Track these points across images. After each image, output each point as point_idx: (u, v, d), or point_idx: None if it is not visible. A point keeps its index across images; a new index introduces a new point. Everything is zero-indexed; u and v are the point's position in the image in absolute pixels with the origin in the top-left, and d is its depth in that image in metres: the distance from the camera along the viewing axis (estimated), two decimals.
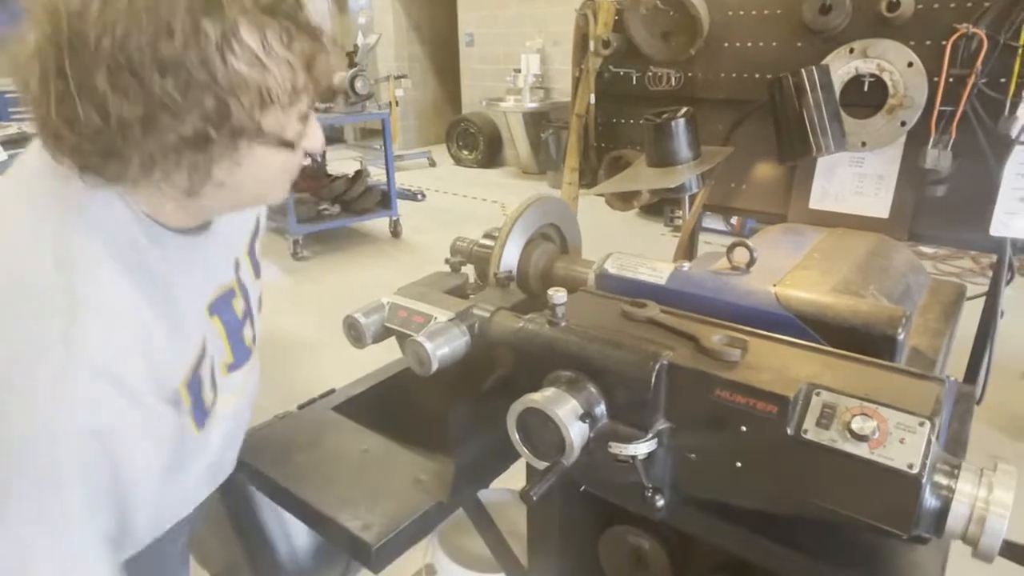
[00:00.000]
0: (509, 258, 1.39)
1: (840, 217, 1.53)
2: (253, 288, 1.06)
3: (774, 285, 1.19)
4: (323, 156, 7.09)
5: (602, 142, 1.81)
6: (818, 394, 0.90)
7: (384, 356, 1.51)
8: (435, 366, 1.10)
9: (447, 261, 1.41)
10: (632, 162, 1.72)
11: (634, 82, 1.74)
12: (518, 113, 8.15)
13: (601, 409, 1.03)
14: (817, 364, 0.98)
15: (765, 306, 1.15)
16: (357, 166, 8.10)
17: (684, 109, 1.38)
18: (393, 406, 1.52)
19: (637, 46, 1.66)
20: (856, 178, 1.50)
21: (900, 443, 0.83)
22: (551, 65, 8.40)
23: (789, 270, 1.26)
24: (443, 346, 1.12)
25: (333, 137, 10.80)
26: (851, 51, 1.40)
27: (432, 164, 9.37)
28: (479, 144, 9.11)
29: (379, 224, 6.24)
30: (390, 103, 8.48)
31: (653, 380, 0.97)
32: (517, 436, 1.04)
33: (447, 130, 9.52)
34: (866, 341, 1.06)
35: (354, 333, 1.22)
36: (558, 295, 1.07)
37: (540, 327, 1.10)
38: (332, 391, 1.54)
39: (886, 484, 0.82)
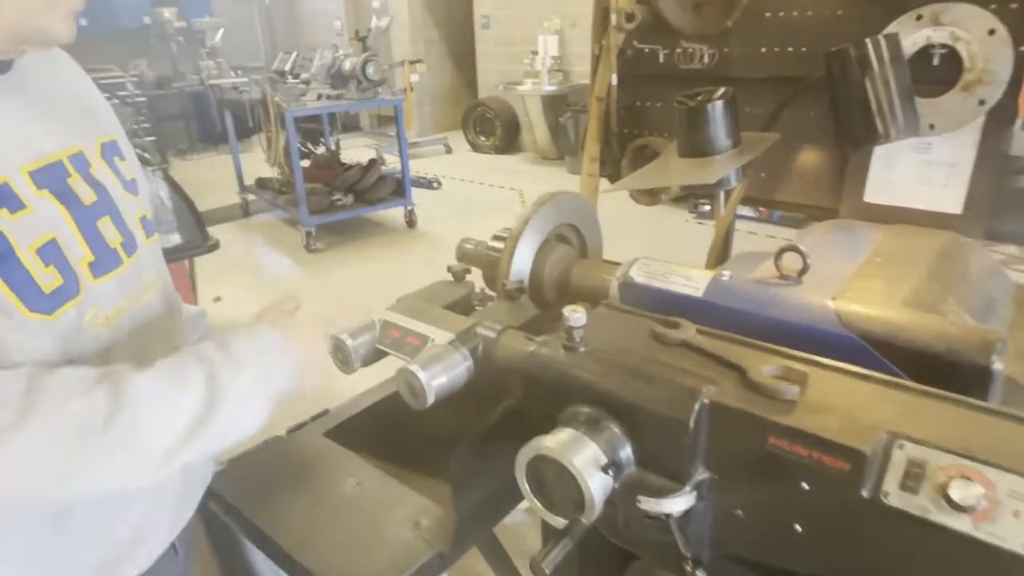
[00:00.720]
0: (520, 264, 1.22)
1: (902, 212, 1.33)
2: (124, 202, 0.88)
3: (832, 299, 1.00)
4: (336, 144, 6.96)
5: (625, 128, 1.62)
6: (901, 447, 0.72)
7: None
8: (430, 399, 0.94)
9: (450, 269, 1.24)
10: (659, 151, 1.52)
11: (661, 60, 1.54)
12: (536, 97, 7.91)
13: (627, 454, 0.86)
14: (897, 404, 0.79)
15: (823, 325, 0.97)
16: (372, 154, 7.96)
17: (722, 89, 1.19)
18: (392, 429, 1.36)
19: (665, 19, 1.46)
20: (922, 166, 1.29)
21: (1014, 517, 0.65)
22: (569, 47, 8.14)
23: (848, 279, 1.07)
24: (440, 375, 0.95)
25: (348, 124, 10.64)
26: (919, 18, 1.19)
27: (448, 151, 9.18)
28: (496, 129, 8.89)
29: (394, 214, 6.09)
30: (405, 89, 8.30)
31: (692, 423, 0.80)
32: (528, 487, 0.87)
33: (463, 115, 9.31)
34: (951, 371, 0.87)
35: (340, 356, 1.06)
36: (575, 316, 0.90)
37: (554, 353, 0.93)
38: (325, 412, 1.39)
39: (996, 571, 0.64)
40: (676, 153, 1.29)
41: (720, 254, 1.52)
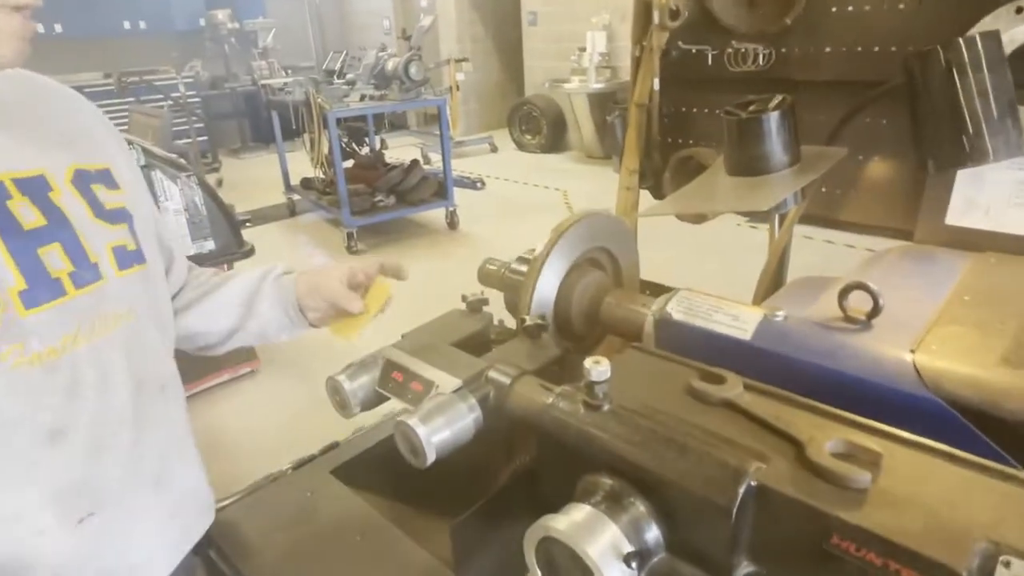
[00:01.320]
0: (544, 294, 1.09)
1: (990, 238, 1.14)
2: (91, 230, 0.81)
3: (912, 350, 0.84)
4: (381, 144, 6.95)
5: (668, 137, 1.47)
6: (1008, 565, 0.57)
7: None
8: (431, 458, 0.82)
9: (464, 299, 1.12)
10: (706, 163, 1.37)
11: (710, 62, 1.39)
12: (583, 94, 7.72)
13: (655, 537, 0.72)
14: (997, 497, 0.63)
15: (900, 384, 0.81)
16: (417, 153, 7.93)
17: (779, 97, 1.03)
18: (402, 465, 1.25)
19: (715, 16, 1.31)
20: (1018, 185, 1.10)
21: None
22: (618, 42, 7.92)
23: (930, 324, 0.90)
24: (442, 430, 0.83)
25: (395, 123, 10.68)
26: (1019, 10, 1.01)
27: (493, 149, 9.08)
28: (542, 128, 8.74)
29: (435, 215, 6.02)
30: (450, 87, 8.24)
31: (736, 509, 0.66)
32: (539, 572, 0.74)
33: (509, 114, 9.19)
34: None
35: (338, 399, 0.95)
36: (597, 369, 0.77)
37: (574, 409, 0.80)
38: (335, 445, 1.29)
39: None
40: (723, 170, 1.13)
41: (774, 280, 1.35)
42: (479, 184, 7.22)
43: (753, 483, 0.66)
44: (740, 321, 0.95)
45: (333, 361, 3.90)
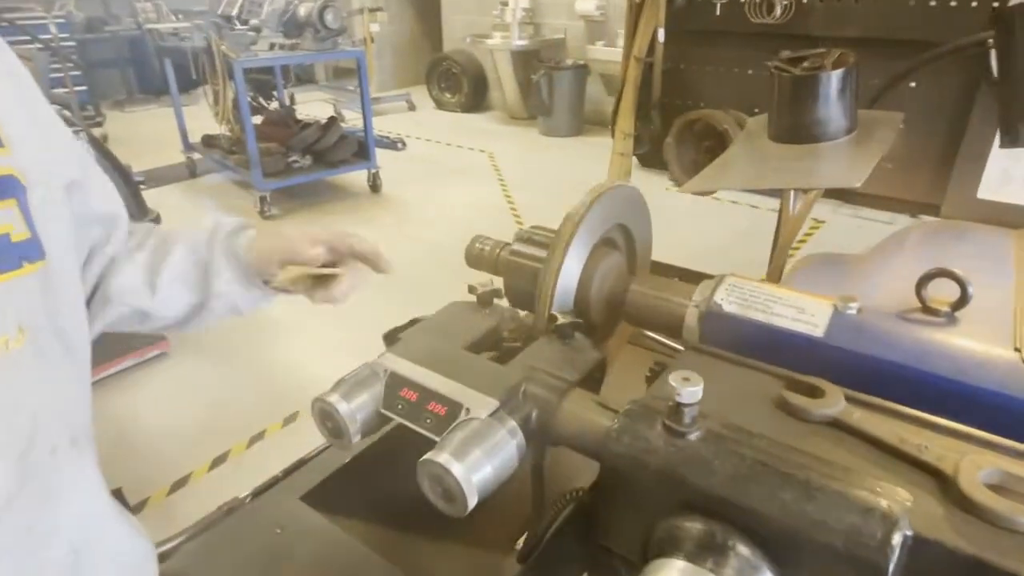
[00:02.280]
0: (568, 281, 0.92)
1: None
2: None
3: (1017, 348, 0.73)
4: (291, 99, 6.41)
5: (671, 98, 1.30)
6: None
7: (380, 328, 0.98)
8: (472, 502, 0.65)
9: (472, 290, 0.93)
10: (717, 127, 1.22)
11: (718, 12, 1.23)
12: (505, 51, 7.42)
13: None
14: None
15: (1011, 389, 0.70)
16: (330, 110, 7.40)
17: (837, 52, 0.89)
18: (384, 482, 1.06)
19: None
20: None
21: None
22: None
23: (1017, 315, 0.81)
24: (482, 466, 0.65)
25: (302, 77, 9.94)
26: None
27: (411, 108, 8.64)
28: (463, 86, 8.38)
29: (356, 177, 5.64)
30: (364, 39, 7.71)
31: (892, 566, 0.53)
32: None
33: (427, 70, 8.74)
34: None
35: (330, 426, 0.75)
36: (688, 389, 0.61)
37: (651, 435, 0.64)
38: (302, 462, 1.08)
39: None
40: (759, 135, 0.99)
41: (782, 256, 1.24)
42: (400, 144, 6.84)
43: (909, 532, 0.54)
44: (807, 314, 0.82)
45: (254, 340, 3.57)
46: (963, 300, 0.78)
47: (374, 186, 5.50)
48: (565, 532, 0.73)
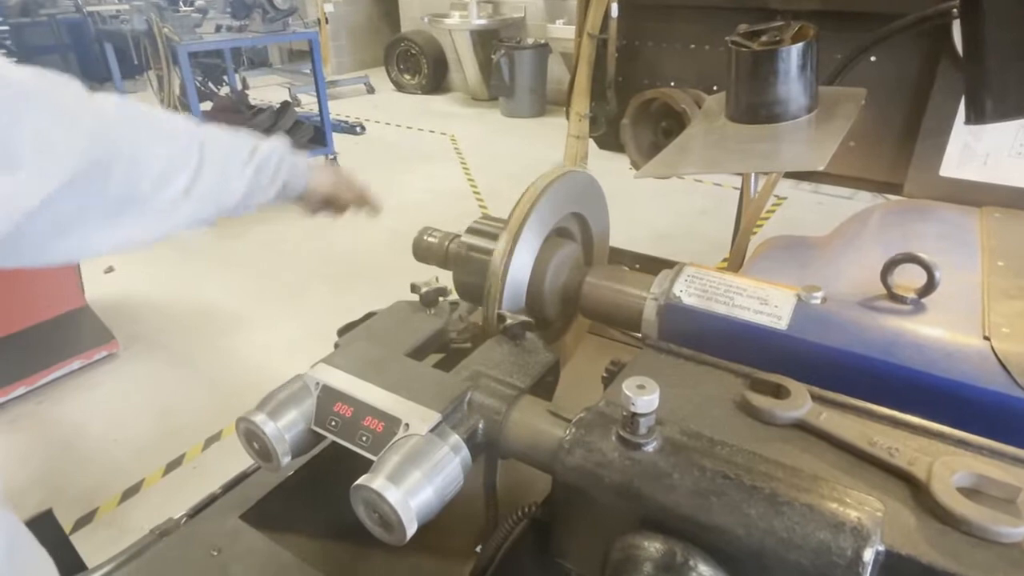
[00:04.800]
0: (519, 276, 0.86)
1: (989, 190, 1.05)
2: None
3: (986, 336, 0.70)
4: (243, 83, 6.18)
5: (627, 76, 1.25)
6: None
7: (337, 321, 0.95)
8: (411, 530, 0.59)
9: (415, 289, 0.86)
10: (674, 107, 1.17)
11: None
12: (464, 31, 7.27)
13: None
14: None
15: (982, 380, 0.67)
16: (284, 94, 7.16)
17: (796, 26, 0.84)
18: (333, 494, 0.99)
19: None
20: (1020, 133, 1.00)
21: None
22: None
23: (984, 299, 0.77)
24: (422, 488, 0.59)
25: (255, 60, 9.61)
26: None
27: (370, 90, 8.43)
28: (422, 67, 8.19)
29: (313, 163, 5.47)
30: (319, 20, 7.47)
31: None
32: None
33: (385, 51, 8.52)
34: None
35: (256, 448, 0.68)
36: (643, 398, 0.56)
37: (605, 448, 0.59)
38: (243, 476, 1.00)
39: None
40: (718, 115, 0.94)
41: (743, 242, 1.20)
42: (359, 128, 6.66)
43: (881, 547, 0.49)
44: (770, 306, 0.77)
45: (209, 336, 3.41)
46: (930, 286, 0.74)
47: None
48: (519, 548, 0.68)
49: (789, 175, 1.28)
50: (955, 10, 0.82)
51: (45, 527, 1.09)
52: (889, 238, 0.96)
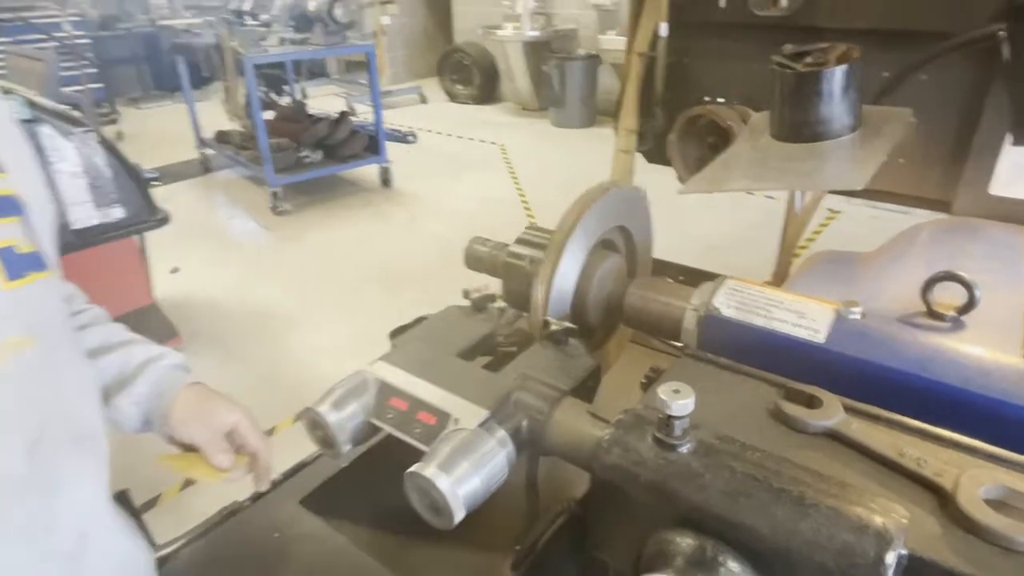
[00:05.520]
0: (564, 285, 0.90)
1: None
2: None
3: None
4: (303, 94, 6.42)
5: (673, 93, 1.28)
6: None
7: (387, 324, 0.97)
8: (459, 516, 0.64)
9: (466, 294, 0.92)
10: (720, 123, 1.20)
11: (723, 4, 1.20)
12: (517, 43, 7.38)
13: None
14: None
15: (1022, 399, 0.68)
16: (341, 104, 7.40)
17: (841, 47, 0.86)
18: (386, 484, 1.06)
19: None
20: None
21: None
22: None
23: None
24: (470, 478, 0.65)
25: (314, 71, 9.95)
26: None
27: (423, 100, 8.63)
28: (474, 78, 8.35)
29: (367, 171, 5.64)
30: (375, 32, 7.70)
31: None
32: None
33: (439, 62, 8.72)
34: None
35: (320, 435, 0.74)
36: (679, 402, 0.60)
37: (642, 447, 0.63)
38: (301, 466, 1.07)
39: None
40: (763, 133, 0.97)
41: (789, 254, 1.21)
42: (411, 138, 6.83)
43: (904, 551, 0.52)
44: (808, 319, 0.80)
45: (266, 336, 3.58)
46: (970, 304, 0.75)
47: (385, 180, 5.50)
48: (558, 542, 0.72)
49: (838, 191, 1.29)
50: (1001, 33, 0.83)
51: (121, 506, 1.19)
52: (934, 256, 0.97)
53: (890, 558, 0.51)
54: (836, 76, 0.84)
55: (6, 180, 0.63)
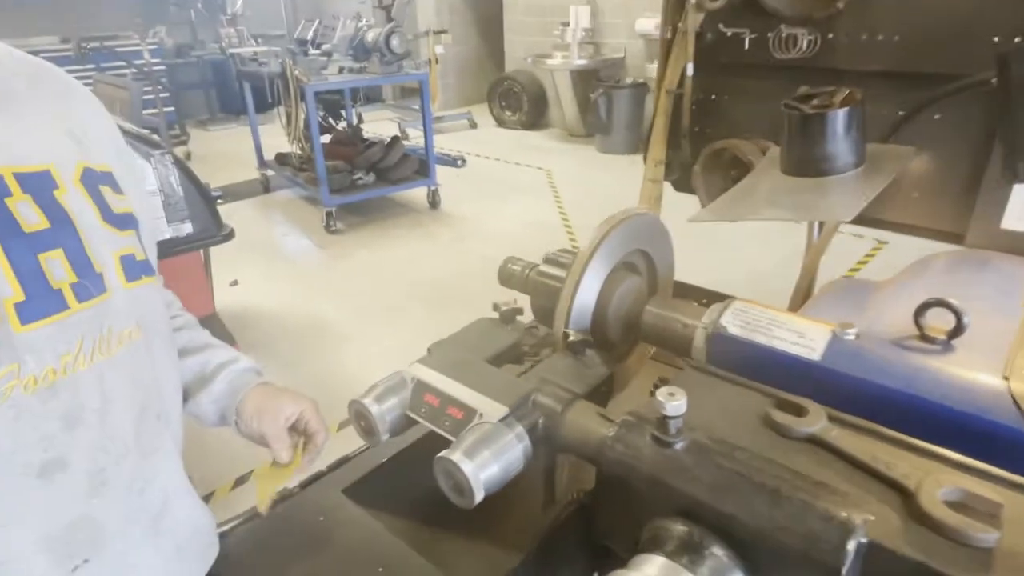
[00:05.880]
0: (585, 301, 1.00)
1: None
2: (98, 236, 0.71)
3: (1005, 376, 0.77)
4: (358, 118, 6.72)
5: (700, 127, 1.37)
6: None
7: (429, 339, 1.05)
8: (479, 496, 0.73)
9: (496, 307, 1.02)
10: (741, 156, 1.28)
11: (747, 46, 1.29)
12: (566, 71, 7.56)
13: None
14: None
15: (994, 414, 0.74)
16: (395, 128, 7.70)
17: (845, 91, 0.94)
18: (420, 481, 1.16)
19: None
20: None
21: None
22: (602, 18, 7.75)
23: (1015, 344, 0.83)
24: (489, 465, 0.74)
25: (370, 96, 10.37)
26: None
27: (473, 126, 8.88)
28: (523, 104, 8.56)
29: (417, 193, 5.86)
30: (429, 61, 7.99)
31: (846, 570, 0.58)
32: None
33: (489, 89, 8.98)
34: None
35: (363, 424, 0.85)
36: (673, 404, 0.68)
37: (641, 444, 0.72)
38: (345, 459, 1.19)
39: None
40: (776, 166, 1.05)
41: (811, 285, 1.28)
42: (460, 162, 7.05)
43: (864, 540, 0.59)
44: (806, 339, 0.87)
45: (316, 346, 3.78)
46: (958, 329, 0.81)
47: (433, 202, 5.70)
48: (568, 530, 0.81)
49: (859, 222, 1.35)
50: (993, 80, 0.89)
51: None
52: (943, 284, 1.03)
53: (850, 545, 0.58)
54: (839, 118, 0.91)
55: (125, 200, 0.77)
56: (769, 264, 4.18)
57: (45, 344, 0.64)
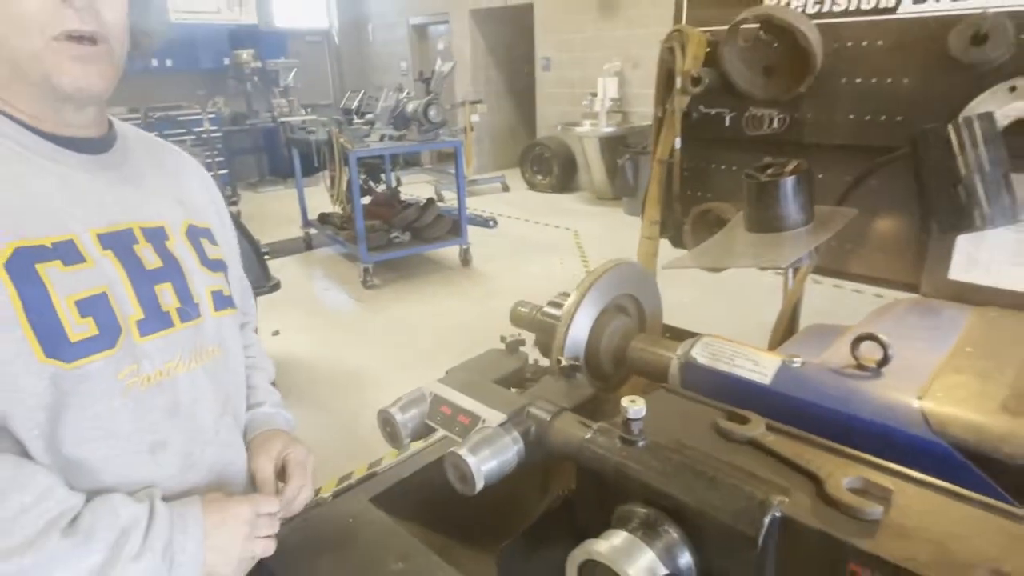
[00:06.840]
0: (577, 336, 1.18)
1: (992, 293, 1.23)
2: (197, 275, 0.93)
3: (919, 397, 0.92)
4: (397, 181, 7.13)
5: (688, 191, 1.57)
6: None
7: None
8: (479, 485, 0.90)
9: (503, 340, 1.21)
10: (724, 216, 1.47)
11: (727, 123, 1.50)
12: (594, 137, 7.93)
13: (687, 562, 0.80)
14: (999, 534, 0.71)
15: (908, 428, 0.89)
16: (431, 190, 8.12)
17: (794, 163, 1.13)
18: (441, 495, 1.32)
19: (733, 82, 1.42)
20: (1017, 244, 1.19)
21: None
22: (629, 88, 8.16)
23: (936, 373, 0.98)
24: (489, 460, 0.91)
25: (409, 160, 10.92)
26: (1012, 89, 1.12)
27: (505, 189, 9.28)
28: (553, 168, 8.94)
29: (449, 251, 6.16)
30: (465, 128, 8.47)
31: (761, 538, 0.73)
32: None
33: (521, 154, 9.42)
34: None
35: (389, 430, 1.04)
36: (634, 408, 0.85)
37: (611, 444, 0.88)
38: (373, 474, 1.36)
39: None
40: (743, 226, 1.23)
41: (788, 327, 1.44)
42: (492, 223, 7.36)
43: (777, 514, 0.74)
44: (760, 366, 1.03)
45: (351, 392, 4.04)
46: (885, 359, 0.97)
47: (465, 260, 5.97)
48: (554, 521, 0.97)
49: (822, 273, 1.51)
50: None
51: None
52: (891, 327, 1.18)
53: (767, 519, 0.74)
54: (788, 184, 1.10)
55: (218, 250, 1.01)
56: (765, 316, 4.27)
57: (156, 352, 0.86)
